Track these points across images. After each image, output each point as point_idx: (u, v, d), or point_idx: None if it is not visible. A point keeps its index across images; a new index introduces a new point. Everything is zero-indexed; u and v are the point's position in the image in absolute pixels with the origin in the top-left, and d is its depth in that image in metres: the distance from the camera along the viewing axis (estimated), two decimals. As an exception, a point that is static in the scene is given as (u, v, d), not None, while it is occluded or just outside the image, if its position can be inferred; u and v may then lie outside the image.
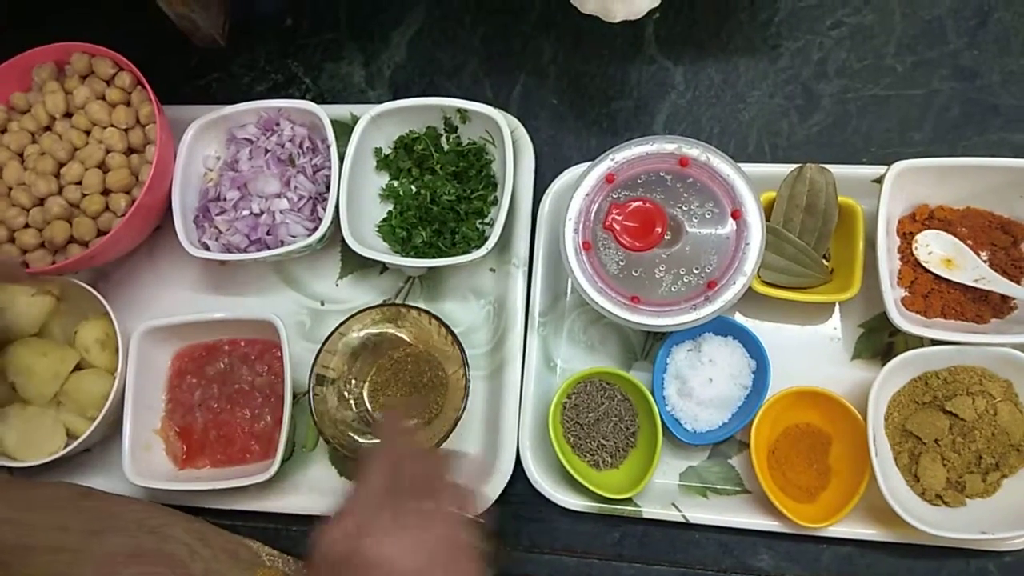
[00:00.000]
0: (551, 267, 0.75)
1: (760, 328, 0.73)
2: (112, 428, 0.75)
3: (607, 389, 0.71)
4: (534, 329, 0.74)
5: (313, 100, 0.83)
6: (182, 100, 0.84)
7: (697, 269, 0.66)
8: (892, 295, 0.66)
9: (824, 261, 0.72)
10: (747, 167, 0.73)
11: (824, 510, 0.66)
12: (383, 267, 0.79)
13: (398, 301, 0.78)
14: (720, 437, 0.69)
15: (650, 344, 0.74)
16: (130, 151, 0.77)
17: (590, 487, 0.68)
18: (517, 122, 0.78)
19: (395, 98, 0.79)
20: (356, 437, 0.71)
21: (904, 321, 0.65)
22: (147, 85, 0.75)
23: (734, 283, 0.65)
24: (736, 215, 0.67)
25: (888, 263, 0.67)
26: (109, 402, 0.72)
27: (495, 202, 0.77)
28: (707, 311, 0.65)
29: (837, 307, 0.73)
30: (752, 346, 0.70)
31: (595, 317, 0.75)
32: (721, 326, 0.71)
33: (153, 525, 0.66)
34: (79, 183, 0.74)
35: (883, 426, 0.68)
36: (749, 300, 0.72)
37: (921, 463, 0.66)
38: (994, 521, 0.64)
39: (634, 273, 0.68)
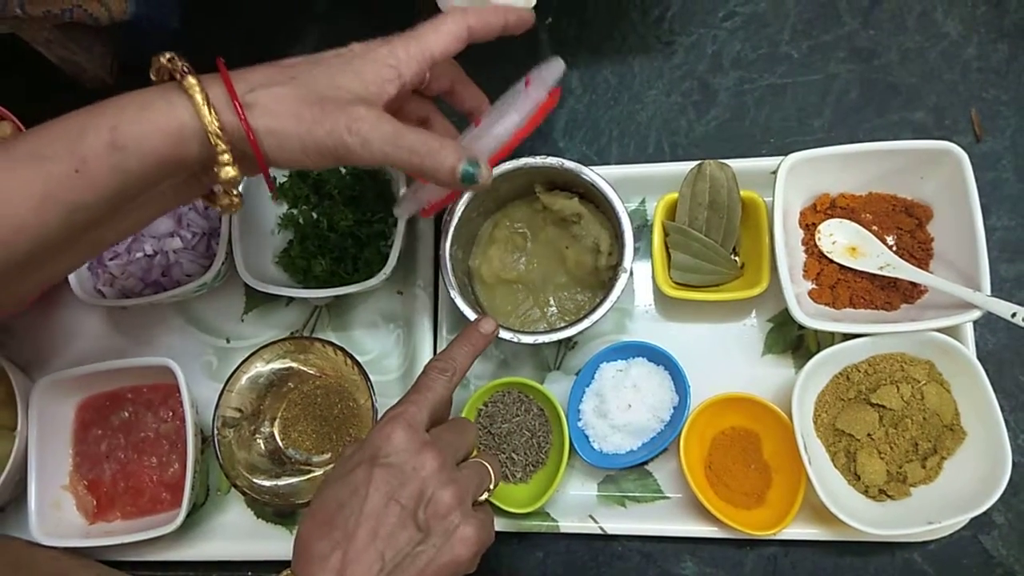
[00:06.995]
0: (458, 284, 0.73)
1: (674, 329, 0.71)
2: (21, 487, 0.72)
3: (524, 402, 0.70)
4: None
5: (209, 132, 0.81)
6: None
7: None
8: (793, 290, 0.64)
9: (735, 257, 0.70)
10: (648, 167, 0.72)
11: (777, 510, 0.65)
12: (289, 298, 0.77)
13: (306, 332, 0.76)
14: (624, 464, 0.67)
15: (563, 354, 0.73)
16: (17, 201, 0.74)
17: (493, 501, 0.66)
18: (412, 139, 0.76)
19: (294, 124, 0.77)
20: (263, 482, 0.69)
21: (806, 317, 0.63)
22: (28, 133, 0.73)
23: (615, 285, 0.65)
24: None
25: (789, 257, 0.65)
26: (11, 461, 0.70)
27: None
28: (587, 322, 0.64)
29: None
30: (679, 381, 0.68)
31: (506, 331, 0.73)
32: (655, 355, 0.69)
33: None
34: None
35: (813, 429, 0.66)
36: (662, 299, 0.71)
37: (858, 460, 0.65)
38: (942, 506, 0.62)
39: None
